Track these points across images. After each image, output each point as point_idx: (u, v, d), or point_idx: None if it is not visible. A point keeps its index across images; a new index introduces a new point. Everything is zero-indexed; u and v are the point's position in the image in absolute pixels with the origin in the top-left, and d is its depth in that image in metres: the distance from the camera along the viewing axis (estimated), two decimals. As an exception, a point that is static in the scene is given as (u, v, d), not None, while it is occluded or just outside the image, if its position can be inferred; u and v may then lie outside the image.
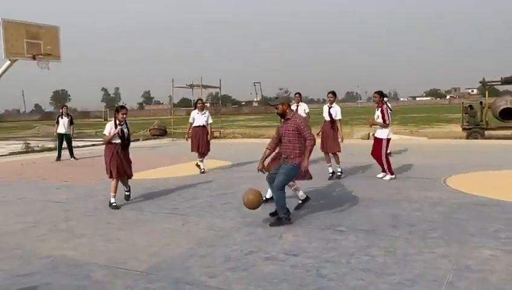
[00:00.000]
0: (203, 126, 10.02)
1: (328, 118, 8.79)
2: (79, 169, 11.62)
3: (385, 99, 8.70)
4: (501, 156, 11.51)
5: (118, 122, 6.84)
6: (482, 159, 10.86)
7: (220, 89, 22.19)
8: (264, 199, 6.13)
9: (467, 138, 17.07)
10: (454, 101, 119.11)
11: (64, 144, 13.42)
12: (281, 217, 5.61)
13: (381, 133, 8.54)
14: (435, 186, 7.68)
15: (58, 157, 13.25)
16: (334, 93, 8.87)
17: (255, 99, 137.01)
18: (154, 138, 22.97)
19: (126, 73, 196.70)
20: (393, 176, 8.47)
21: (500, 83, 17.99)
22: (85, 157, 14.21)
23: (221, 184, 8.59)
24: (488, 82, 18.25)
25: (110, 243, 5.08)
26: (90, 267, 4.30)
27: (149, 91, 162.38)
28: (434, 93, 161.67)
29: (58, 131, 13.29)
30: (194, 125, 10.06)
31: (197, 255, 4.57)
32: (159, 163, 12.08)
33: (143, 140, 21.74)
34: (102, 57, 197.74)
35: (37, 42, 13.60)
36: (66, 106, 14.08)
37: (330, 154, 8.83)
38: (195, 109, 10.18)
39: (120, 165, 6.84)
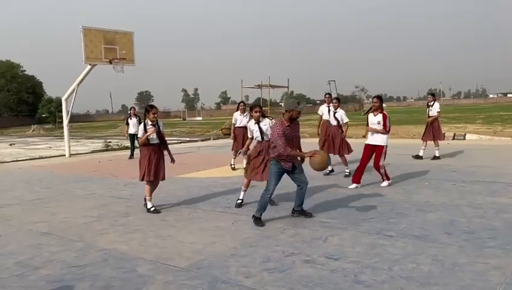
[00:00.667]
0: (245, 127, 10.12)
1: (334, 123, 9.24)
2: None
3: (383, 105, 8.21)
4: None
5: (150, 122, 6.67)
6: None
7: (288, 88, 22.22)
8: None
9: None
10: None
11: (136, 144, 14.20)
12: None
13: (381, 140, 7.80)
14: (506, 191, 7.09)
15: (131, 156, 14.06)
16: (338, 100, 9.47)
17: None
18: (226, 137, 23.55)
19: (205, 74, 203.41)
20: (390, 181, 8.06)
21: None
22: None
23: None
24: None
25: (160, 239, 5.31)
26: (137, 262, 4.54)
27: (226, 91, 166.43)
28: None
29: (129, 132, 14.12)
30: (237, 126, 10.66)
31: (238, 255, 4.64)
32: (223, 162, 12.36)
33: (213, 139, 22.36)
34: (183, 60, 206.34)
35: (113, 47, 14.55)
36: (134, 107, 14.89)
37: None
38: (237, 110, 10.81)
39: (156, 168, 6.71)
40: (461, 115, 38.76)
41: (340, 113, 9.19)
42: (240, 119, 10.59)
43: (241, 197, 6.92)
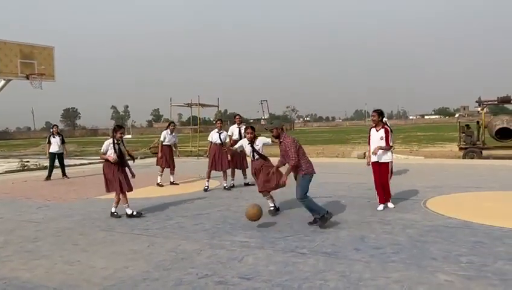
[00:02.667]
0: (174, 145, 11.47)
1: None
2: (65, 188, 11.61)
3: (384, 119, 7.98)
4: (492, 176, 11.32)
5: (115, 141, 7.39)
6: (471, 180, 10.68)
7: (218, 107, 22.29)
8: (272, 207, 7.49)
9: (463, 157, 16.88)
10: (463, 120, 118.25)
11: (57, 163, 13.52)
12: (323, 217, 6.29)
13: (387, 156, 7.58)
14: (413, 208, 7.56)
15: (49, 177, 13.30)
16: (253, 129, 7.78)
17: (263, 117, 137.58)
18: (154, 156, 23.03)
19: (136, 91, 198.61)
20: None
21: (496, 102, 17.86)
22: (78, 176, 14.24)
23: (199, 205, 8.55)
24: (484, 101, 18.14)
25: (68, 265, 5.05)
26: (39, 290, 4.28)
27: (158, 109, 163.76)
28: (443, 112, 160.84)
29: (50, 150, 13.41)
30: (164, 143, 11.28)
31: (150, 279, 4.52)
32: (147, 182, 12.06)
33: (141, 158, 21.79)
34: (112, 77, 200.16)
35: (30, 62, 13.83)
36: (57, 125, 14.22)
37: None
38: (167, 129, 11.37)
39: (120, 182, 7.40)
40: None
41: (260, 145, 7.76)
42: (168, 138, 11.20)
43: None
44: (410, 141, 32.84)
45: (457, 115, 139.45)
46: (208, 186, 10.24)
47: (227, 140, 10.62)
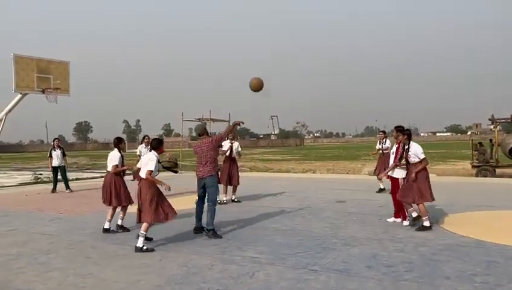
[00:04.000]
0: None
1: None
2: (78, 201, 11.73)
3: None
4: (505, 195, 11.19)
5: (122, 152, 7.79)
6: (484, 198, 10.57)
7: (229, 122, 22.40)
8: None
9: (476, 175, 16.71)
10: (476, 137, 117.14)
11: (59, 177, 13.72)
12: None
13: (397, 173, 7.77)
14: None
15: (54, 189, 13.49)
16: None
17: (273, 133, 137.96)
18: (164, 171, 23.16)
19: (147, 105, 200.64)
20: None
21: (510, 120, 17.73)
22: (86, 189, 14.34)
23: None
24: (497, 119, 18.01)
25: (81, 278, 5.08)
26: (52, 302, 4.31)
27: (169, 124, 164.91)
28: (455, 129, 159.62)
29: (52, 164, 13.61)
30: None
31: (161, 293, 4.54)
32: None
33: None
34: (125, 90, 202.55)
35: (46, 76, 14.11)
36: (58, 138, 14.39)
37: None
38: (142, 143, 11.87)
39: (121, 194, 7.63)
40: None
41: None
42: (144, 151, 11.40)
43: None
44: (421, 158, 32.51)
45: (469, 133, 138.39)
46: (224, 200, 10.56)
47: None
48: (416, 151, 7.32)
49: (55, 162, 13.58)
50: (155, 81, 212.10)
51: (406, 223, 7.61)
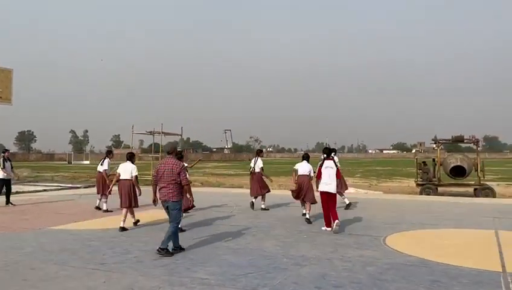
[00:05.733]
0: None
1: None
2: (15, 217, 10.97)
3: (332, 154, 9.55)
4: (447, 213, 11.68)
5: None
6: (428, 217, 10.97)
7: (182, 135, 22.16)
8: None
9: (420, 193, 17.39)
10: (420, 155, 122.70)
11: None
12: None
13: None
14: (374, 244, 7.66)
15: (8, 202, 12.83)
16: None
17: (226, 147, 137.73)
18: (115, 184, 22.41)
19: (96, 115, 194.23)
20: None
21: (450, 141, 18.67)
22: (26, 204, 13.52)
23: (158, 237, 8.31)
24: (440, 140, 18.92)
25: (16, 303, 4.75)
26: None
27: (119, 135, 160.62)
28: (400, 147, 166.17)
29: (2, 177, 12.86)
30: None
31: (104, 318, 4.31)
32: (103, 213, 11.68)
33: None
34: (72, 98, 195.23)
35: (-14, 84, 13.34)
36: (8, 150, 13.64)
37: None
38: (107, 158, 12.27)
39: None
40: (343, 168, 41.68)
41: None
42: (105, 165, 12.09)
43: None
44: (369, 176, 33.55)
45: (413, 151, 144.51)
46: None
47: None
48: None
49: (4, 174, 12.86)
50: (105, 90, 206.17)
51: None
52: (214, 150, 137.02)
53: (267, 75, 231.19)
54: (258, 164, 12.33)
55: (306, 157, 10.59)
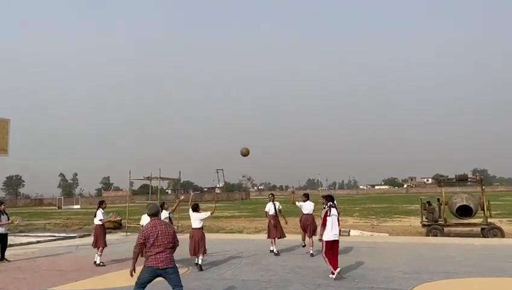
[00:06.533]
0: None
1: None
2: (12, 276, 10.24)
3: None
4: (464, 260, 11.25)
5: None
6: (445, 263, 10.56)
7: (180, 180, 21.73)
8: None
9: (427, 234, 16.98)
10: (412, 190, 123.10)
11: None
12: None
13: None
14: (401, 299, 7.21)
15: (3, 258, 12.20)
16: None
17: (218, 186, 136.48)
18: (108, 232, 21.62)
19: (85, 159, 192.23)
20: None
21: (454, 180, 18.47)
22: (21, 259, 12.76)
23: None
24: (443, 179, 18.72)
25: None
26: None
27: (108, 177, 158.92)
28: (392, 182, 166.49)
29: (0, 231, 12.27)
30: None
31: None
32: (107, 267, 11.07)
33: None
34: (60, 142, 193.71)
35: (-19, 135, 12.93)
36: (3, 202, 13.06)
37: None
38: (100, 208, 12.00)
39: None
40: (340, 206, 41.27)
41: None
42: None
43: None
44: (367, 214, 33.12)
45: (405, 186, 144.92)
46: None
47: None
48: None
49: (1, 229, 12.27)
50: (93, 133, 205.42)
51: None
52: (205, 189, 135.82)
53: (254, 114, 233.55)
54: (275, 207, 12.78)
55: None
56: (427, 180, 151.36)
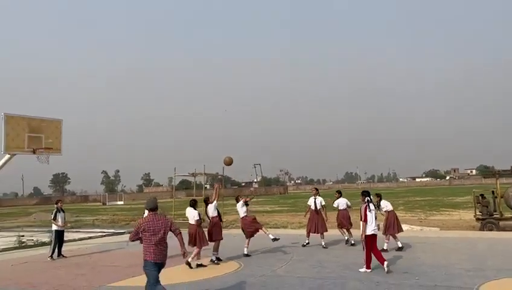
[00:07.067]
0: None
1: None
2: (71, 272, 10.55)
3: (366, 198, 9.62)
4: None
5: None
6: (508, 259, 10.07)
7: (223, 175, 21.87)
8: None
9: (482, 229, 16.31)
10: (455, 182, 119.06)
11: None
12: None
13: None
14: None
15: (52, 256, 12.52)
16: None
17: (255, 180, 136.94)
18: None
19: (127, 155, 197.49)
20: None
21: (510, 172, 17.65)
22: (77, 255, 13.15)
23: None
24: (499, 171, 17.90)
25: None
26: None
27: (149, 173, 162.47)
28: (434, 174, 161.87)
29: (57, 228, 12.67)
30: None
31: None
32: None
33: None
34: (103, 140, 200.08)
35: (38, 136, 13.39)
36: (60, 200, 13.48)
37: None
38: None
39: None
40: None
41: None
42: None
43: None
44: (412, 208, 32.27)
45: (448, 178, 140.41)
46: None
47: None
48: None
49: (60, 225, 12.69)
50: (133, 131, 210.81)
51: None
52: (243, 184, 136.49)
53: (292, 110, 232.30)
54: (319, 202, 12.99)
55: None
56: (471, 172, 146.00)
